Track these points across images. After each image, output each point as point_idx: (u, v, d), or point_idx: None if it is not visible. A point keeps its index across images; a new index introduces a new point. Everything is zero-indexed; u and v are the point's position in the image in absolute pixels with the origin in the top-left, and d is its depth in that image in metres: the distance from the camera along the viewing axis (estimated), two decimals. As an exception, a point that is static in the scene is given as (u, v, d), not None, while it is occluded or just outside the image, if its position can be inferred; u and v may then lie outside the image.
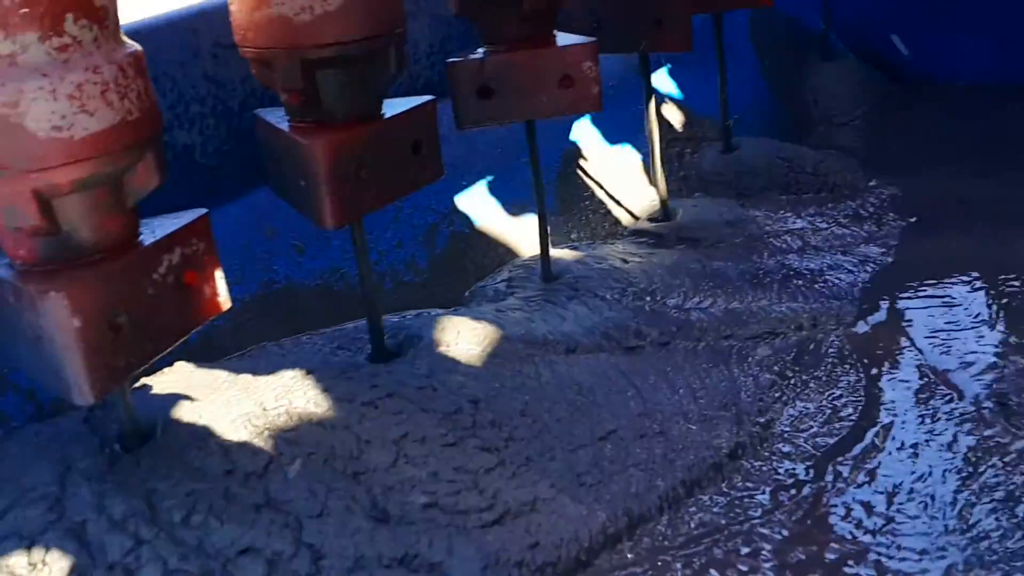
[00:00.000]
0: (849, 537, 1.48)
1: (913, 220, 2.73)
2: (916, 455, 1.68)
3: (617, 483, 1.54)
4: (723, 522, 1.51)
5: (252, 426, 1.42)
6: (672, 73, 3.19)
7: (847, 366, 1.97)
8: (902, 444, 1.72)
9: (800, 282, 2.29)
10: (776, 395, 1.84)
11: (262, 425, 1.43)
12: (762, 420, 1.76)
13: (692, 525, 1.51)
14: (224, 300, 1.42)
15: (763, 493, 1.58)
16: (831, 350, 2.01)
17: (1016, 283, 2.28)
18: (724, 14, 2.83)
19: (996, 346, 2.02)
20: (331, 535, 1.28)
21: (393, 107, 1.68)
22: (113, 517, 1.23)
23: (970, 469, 1.63)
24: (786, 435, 1.74)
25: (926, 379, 1.92)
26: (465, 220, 2.38)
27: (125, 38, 1.23)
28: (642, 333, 1.96)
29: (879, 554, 1.44)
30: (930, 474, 1.63)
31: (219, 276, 1.41)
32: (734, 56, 2.97)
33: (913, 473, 1.63)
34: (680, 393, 1.78)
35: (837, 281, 2.31)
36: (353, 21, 1.51)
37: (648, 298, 2.09)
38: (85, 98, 1.14)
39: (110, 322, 1.22)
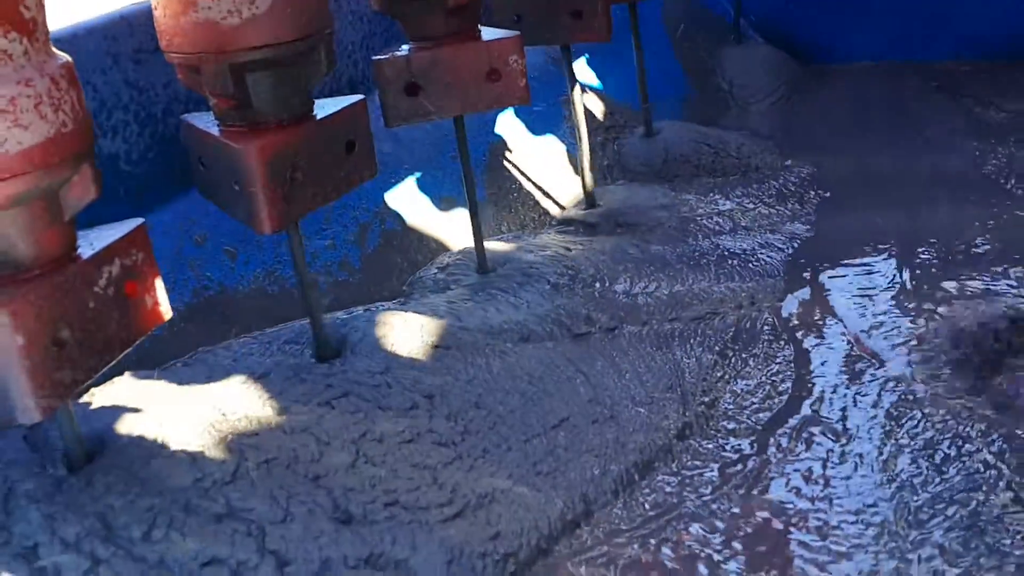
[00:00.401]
0: (792, 505, 1.54)
1: (828, 196, 2.84)
2: (845, 419, 1.76)
3: (572, 470, 1.57)
4: (675, 501, 1.55)
5: (208, 435, 1.41)
6: (590, 63, 3.24)
7: (781, 342, 2.03)
8: (832, 410, 1.79)
9: (734, 262, 2.35)
10: (719, 374, 1.90)
11: (218, 433, 1.41)
12: (706, 399, 1.81)
13: (646, 506, 1.54)
14: (165, 310, 1.41)
15: (711, 470, 1.63)
16: (766, 327, 2.07)
17: (924, 250, 2.40)
18: (638, 3, 2.89)
19: (911, 311, 2.12)
20: (295, 540, 1.28)
21: (324, 107, 1.67)
22: (66, 539, 1.21)
23: (892, 424, 1.73)
24: (730, 412, 1.79)
25: (850, 346, 2.01)
26: (396, 217, 2.38)
27: (54, 49, 1.20)
28: (591, 319, 1.99)
29: (819, 519, 1.50)
30: (858, 435, 1.71)
31: (159, 286, 1.40)
32: (648, 44, 3.03)
33: (844, 436, 1.71)
34: (627, 377, 1.82)
35: (768, 259, 2.39)
36: (282, 23, 1.51)
37: (585, 285, 2.12)
38: (18, 112, 1.12)
39: (54, 337, 1.20)
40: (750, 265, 2.34)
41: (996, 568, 1.35)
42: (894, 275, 2.29)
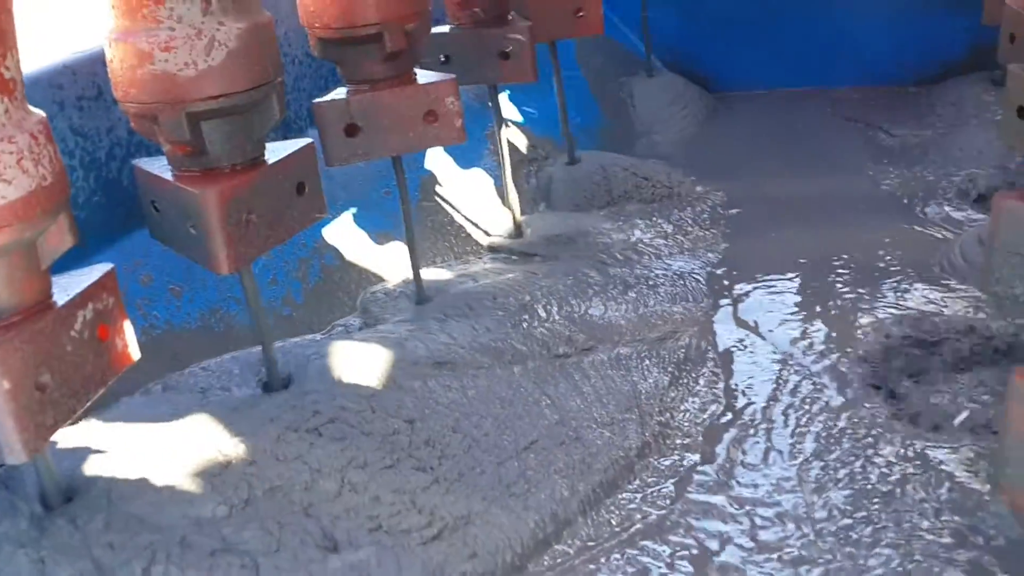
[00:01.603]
0: (739, 510, 1.67)
1: (741, 220, 3.01)
2: (772, 424, 1.92)
3: (542, 490, 1.67)
4: (638, 516, 1.67)
5: (195, 469, 1.46)
6: (511, 99, 3.36)
7: (713, 358, 2.18)
8: (764, 418, 1.95)
9: (661, 286, 2.50)
10: (672, 394, 2.03)
11: (205, 466, 1.47)
12: (662, 419, 1.94)
13: (612, 522, 1.66)
14: (134, 351, 1.47)
15: (668, 486, 1.75)
16: (701, 346, 2.21)
17: (828, 266, 2.58)
18: (557, 42, 3.02)
19: (821, 321, 2.30)
20: (287, 570, 1.34)
21: (275, 151, 1.75)
22: None
23: (813, 419, 1.92)
24: (683, 430, 1.91)
25: (775, 358, 2.17)
26: (334, 252, 2.46)
27: (30, 106, 1.26)
28: (530, 346, 2.09)
29: (763, 518, 1.64)
30: (792, 438, 1.87)
31: (128, 328, 1.46)
32: (565, 80, 3.17)
33: (776, 439, 1.87)
34: (589, 400, 1.93)
35: (693, 282, 2.54)
36: (236, 74, 1.58)
37: (526, 314, 2.23)
38: (2, 168, 1.17)
39: (36, 382, 1.25)
40: (676, 289, 2.48)
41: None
42: (804, 291, 2.46)
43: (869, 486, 1.70)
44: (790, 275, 2.58)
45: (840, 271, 2.56)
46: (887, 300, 2.35)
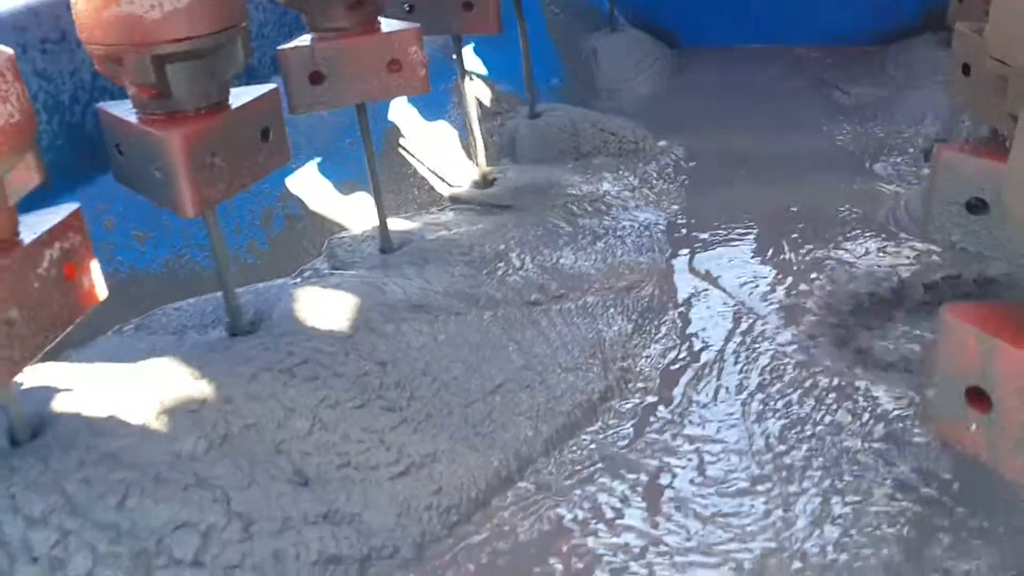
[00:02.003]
0: (693, 449, 1.73)
1: (701, 174, 3.06)
2: (723, 368, 1.99)
3: (508, 431, 1.73)
4: (598, 456, 1.72)
5: (170, 406, 1.49)
6: (476, 51, 3.37)
7: (673, 306, 2.24)
8: (717, 362, 2.02)
9: (625, 237, 2.54)
10: (634, 341, 2.08)
11: (180, 404, 1.50)
12: (624, 364, 1.99)
13: (573, 461, 1.71)
14: (101, 290, 1.48)
15: (628, 427, 1.81)
16: (663, 295, 2.27)
17: (783, 218, 2.65)
18: (522, -2, 3.04)
19: (776, 271, 2.37)
20: (259, 502, 1.39)
21: (239, 96, 1.76)
22: (32, 516, 1.28)
23: (762, 362, 2.00)
24: (643, 374, 1.97)
25: (730, 306, 2.24)
26: (298, 202, 2.47)
27: (-2, 44, 1.27)
28: (520, 292, 2.14)
29: (713, 454, 1.70)
30: (741, 378, 1.95)
31: (95, 267, 1.47)
32: (529, 34, 3.18)
33: (729, 382, 1.94)
34: (555, 346, 1.98)
35: (658, 234, 2.60)
36: (202, 16, 1.59)
37: (500, 261, 2.26)
38: (-31, 103, 1.18)
39: (3, 316, 1.27)
40: (642, 240, 2.53)
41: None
42: (761, 242, 2.53)
43: (807, 421, 1.77)
44: (747, 227, 2.64)
45: (794, 223, 2.62)
46: (837, 251, 2.42)
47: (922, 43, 3.73)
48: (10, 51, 1.27)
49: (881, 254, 2.35)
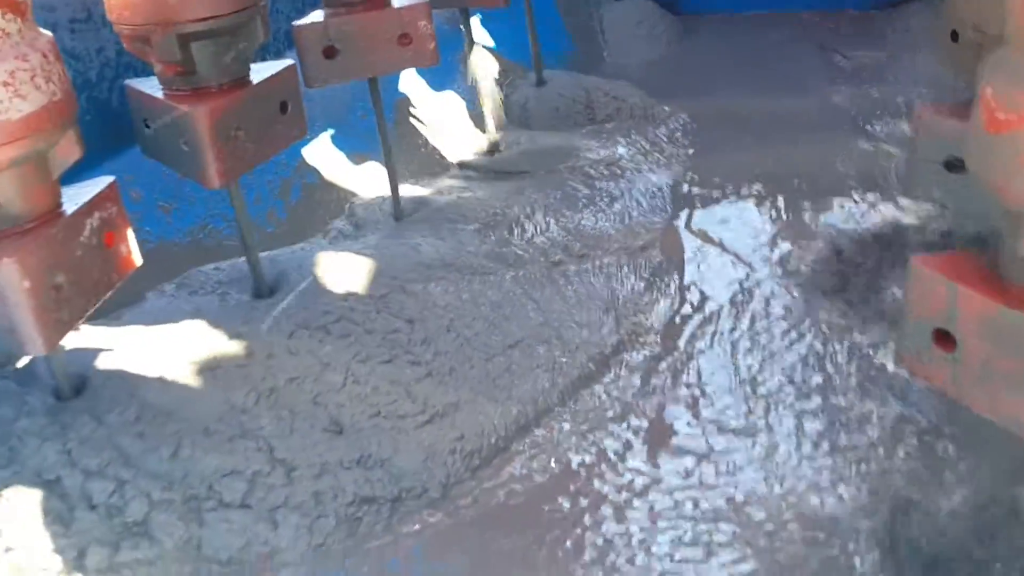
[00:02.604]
0: (700, 395, 1.84)
1: (706, 137, 3.14)
2: (734, 328, 2.08)
3: (526, 383, 1.84)
4: (610, 405, 1.83)
5: (216, 363, 1.61)
6: (482, 23, 3.45)
7: (681, 264, 2.33)
8: (720, 314, 2.12)
9: (643, 199, 2.64)
10: (645, 298, 2.18)
11: (225, 360, 1.61)
12: (635, 319, 2.10)
13: (589, 409, 1.82)
14: (137, 257, 1.59)
15: (638, 377, 1.91)
16: (671, 254, 2.37)
17: (786, 180, 2.73)
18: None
19: (776, 229, 2.46)
20: (299, 450, 1.51)
21: (259, 72, 1.86)
22: (89, 469, 1.40)
23: (759, 314, 2.10)
24: (653, 328, 2.07)
25: (735, 264, 2.33)
26: (314, 172, 2.57)
27: (38, 27, 1.37)
28: (508, 256, 2.24)
29: (710, 399, 1.81)
30: (739, 330, 2.05)
31: (131, 236, 1.58)
32: (534, 5, 3.26)
33: (728, 333, 2.04)
34: (571, 303, 2.09)
35: (667, 195, 2.69)
36: (225, -2, 1.68)
37: (528, 223, 2.37)
38: (17, 84, 1.28)
39: (52, 282, 1.38)
40: (646, 203, 2.62)
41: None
42: (761, 205, 2.61)
43: (796, 367, 1.88)
44: (750, 187, 2.72)
45: (794, 182, 2.70)
46: (834, 208, 2.50)
47: (920, 8, 3.79)
48: (50, 34, 1.37)
49: (875, 211, 2.43)
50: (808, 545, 1.43)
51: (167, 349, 1.65)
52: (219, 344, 1.68)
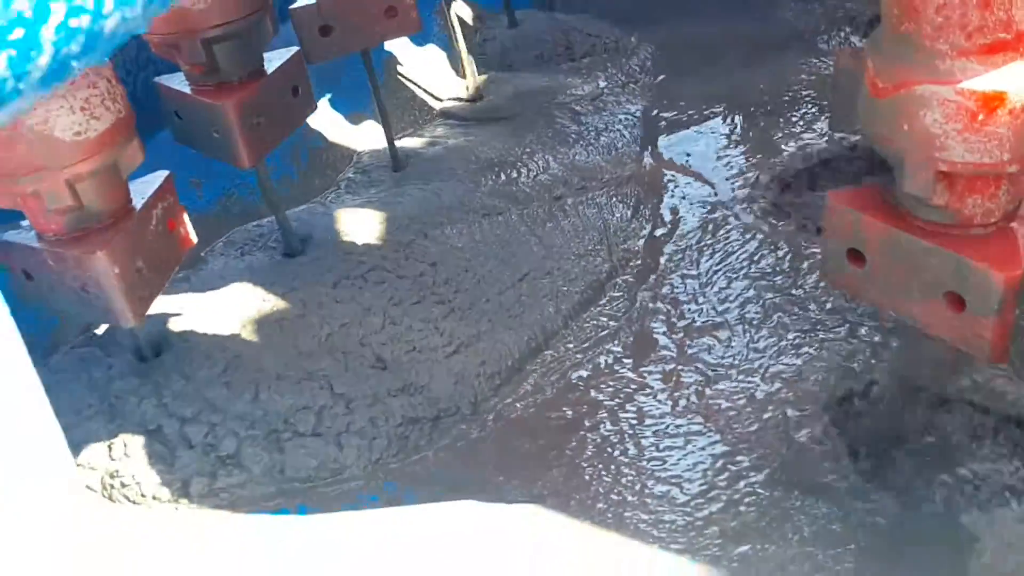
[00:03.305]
0: (674, 309, 2.14)
1: (671, 66, 3.38)
2: (695, 239, 2.38)
3: (534, 311, 2.14)
4: (607, 323, 2.14)
5: (279, 316, 1.93)
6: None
7: (660, 190, 2.62)
8: (693, 235, 2.41)
9: (617, 132, 2.91)
10: (632, 226, 2.46)
11: (285, 313, 1.94)
12: (625, 247, 2.39)
13: (588, 330, 2.12)
14: (193, 237, 1.88)
15: (627, 300, 2.21)
16: (649, 182, 2.66)
17: (750, 108, 2.99)
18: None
19: (740, 152, 2.74)
20: (354, 385, 1.83)
21: (271, 61, 2.12)
22: (185, 416, 1.72)
23: (726, 234, 2.38)
24: (639, 254, 2.37)
25: (704, 187, 2.62)
26: (318, 135, 2.84)
27: (99, 56, 1.63)
28: (549, 188, 2.54)
29: (689, 310, 2.12)
30: (710, 247, 2.34)
31: (186, 219, 1.87)
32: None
33: (703, 252, 2.33)
34: (568, 235, 2.38)
35: (639, 127, 2.96)
36: (237, 4, 1.94)
37: (491, 169, 2.65)
38: (92, 108, 1.55)
39: (134, 266, 1.67)
40: (622, 134, 2.90)
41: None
42: (729, 130, 2.88)
43: (758, 277, 2.18)
44: (715, 113, 2.98)
45: (753, 106, 2.97)
46: (788, 130, 2.78)
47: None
48: (108, 60, 1.63)
49: (823, 133, 2.71)
50: (762, 424, 1.76)
51: (233, 307, 1.96)
52: (278, 298, 2.00)
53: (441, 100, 3.24)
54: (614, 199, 2.57)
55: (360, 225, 2.28)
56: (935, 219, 1.32)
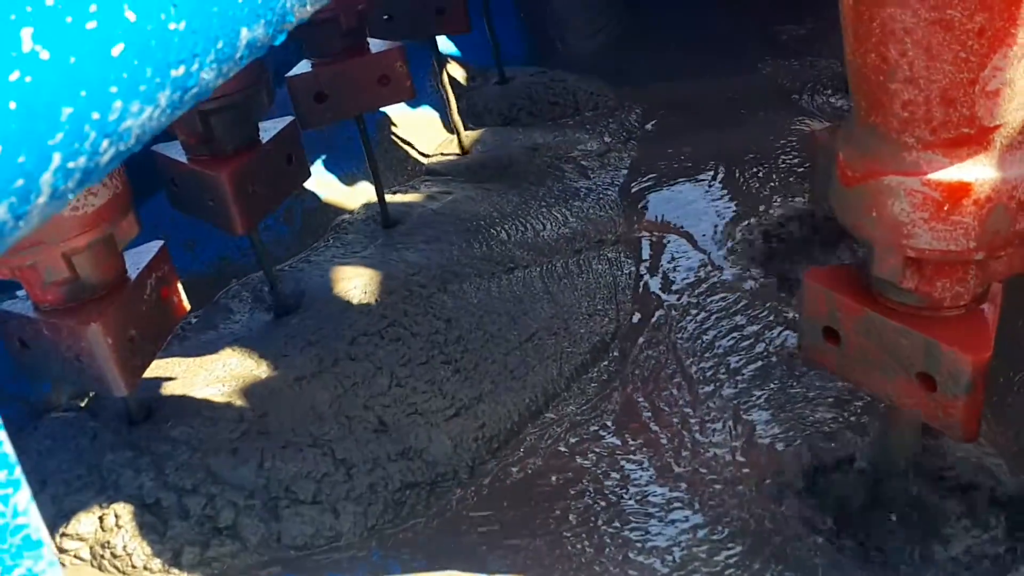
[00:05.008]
0: (683, 361, 2.18)
1: (657, 130, 3.44)
2: (687, 296, 2.42)
3: (538, 373, 2.16)
4: (608, 382, 2.16)
5: (295, 372, 1.99)
6: (448, 38, 3.73)
7: (646, 250, 2.66)
8: (686, 292, 2.45)
9: (598, 194, 2.96)
10: (632, 289, 2.50)
11: (302, 368, 2.00)
12: (628, 307, 2.41)
13: (589, 391, 2.15)
14: (186, 305, 1.92)
15: (630, 357, 2.23)
16: (633, 242, 2.70)
17: (732, 163, 3.03)
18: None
19: (726, 214, 2.78)
20: (353, 449, 1.86)
21: (267, 130, 2.17)
22: (184, 487, 1.74)
23: (714, 292, 2.43)
24: (638, 323, 2.39)
25: (693, 248, 2.65)
26: (312, 196, 2.89)
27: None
28: (512, 257, 2.57)
29: (689, 368, 2.15)
30: (704, 306, 2.38)
31: (179, 287, 1.91)
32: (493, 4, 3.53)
33: (695, 315, 2.37)
34: (579, 294, 2.42)
35: (618, 189, 3.01)
36: (235, 78, 1.98)
37: (480, 230, 2.69)
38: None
39: (128, 335, 1.71)
40: (611, 197, 2.95)
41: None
42: (718, 191, 2.93)
43: (742, 330, 2.24)
44: (703, 175, 3.02)
45: (739, 167, 3.01)
46: (772, 190, 2.83)
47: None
48: (108, 138, 1.68)
49: (799, 198, 2.76)
50: (744, 494, 1.78)
51: (236, 368, 2.00)
52: (289, 357, 2.07)
53: (437, 155, 3.30)
54: (622, 256, 2.62)
55: (392, 274, 2.36)
56: (906, 301, 1.36)
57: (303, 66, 2.51)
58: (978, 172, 1.20)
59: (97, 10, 0.58)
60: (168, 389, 1.99)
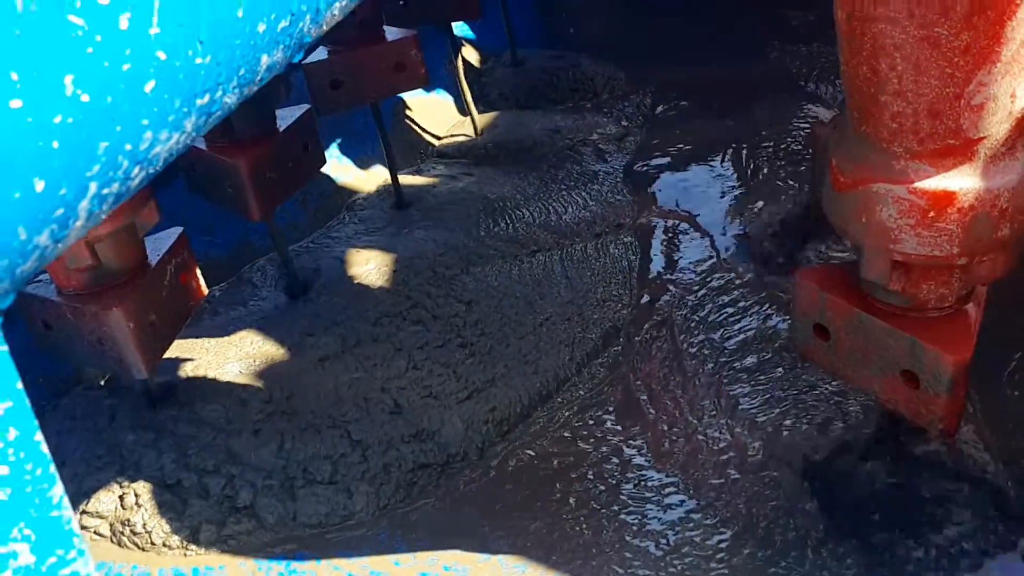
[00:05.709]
0: (686, 349, 2.23)
1: (670, 114, 3.48)
2: (693, 281, 2.47)
3: (550, 357, 2.22)
4: (617, 368, 2.22)
5: (318, 352, 2.08)
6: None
7: (654, 237, 2.71)
8: (692, 277, 2.50)
9: (607, 177, 3.01)
10: (644, 274, 2.55)
11: (318, 356, 2.09)
12: (639, 292, 2.46)
13: (599, 375, 2.21)
14: (204, 288, 1.99)
15: (637, 343, 2.29)
16: (643, 229, 2.75)
17: (742, 150, 3.07)
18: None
19: (732, 201, 2.82)
20: (369, 431, 1.92)
21: (283, 119, 2.23)
22: (206, 468, 1.82)
23: (719, 278, 2.48)
24: (648, 309, 2.44)
25: (700, 235, 2.70)
26: (327, 180, 2.94)
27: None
28: (524, 241, 2.63)
29: (708, 348, 2.21)
30: (704, 287, 2.43)
31: (198, 272, 1.97)
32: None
33: (701, 299, 2.41)
34: (596, 278, 2.47)
35: (637, 172, 3.06)
36: (252, 67, 2.05)
37: (505, 211, 2.75)
38: (113, 176, 1.66)
39: (148, 320, 1.78)
40: (626, 181, 3.01)
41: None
42: (725, 177, 2.97)
43: (745, 314, 2.29)
44: (711, 160, 3.06)
45: (745, 153, 3.05)
46: (777, 178, 2.87)
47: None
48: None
49: (803, 189, 2.79)
50: (739, 480, 1.85)
51: (257, 350, 2.08)
52: (319, 337, 2.14)
53: (450, 137, 3.35)
54: (626, 242, 2.66)
55: (417, 253, 2.43)
56: (893, 302, 1.41)
57: (319, 53, 2.55)
58: (962, 182, 1.25)
59: (131, 53, 0.63)
60: (193, 369, 2.06)
